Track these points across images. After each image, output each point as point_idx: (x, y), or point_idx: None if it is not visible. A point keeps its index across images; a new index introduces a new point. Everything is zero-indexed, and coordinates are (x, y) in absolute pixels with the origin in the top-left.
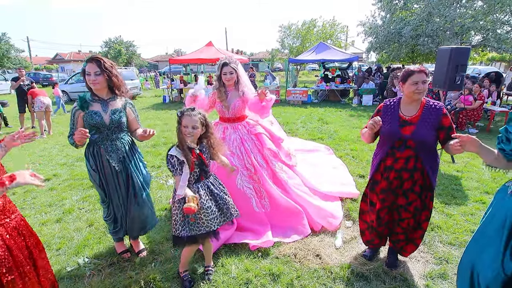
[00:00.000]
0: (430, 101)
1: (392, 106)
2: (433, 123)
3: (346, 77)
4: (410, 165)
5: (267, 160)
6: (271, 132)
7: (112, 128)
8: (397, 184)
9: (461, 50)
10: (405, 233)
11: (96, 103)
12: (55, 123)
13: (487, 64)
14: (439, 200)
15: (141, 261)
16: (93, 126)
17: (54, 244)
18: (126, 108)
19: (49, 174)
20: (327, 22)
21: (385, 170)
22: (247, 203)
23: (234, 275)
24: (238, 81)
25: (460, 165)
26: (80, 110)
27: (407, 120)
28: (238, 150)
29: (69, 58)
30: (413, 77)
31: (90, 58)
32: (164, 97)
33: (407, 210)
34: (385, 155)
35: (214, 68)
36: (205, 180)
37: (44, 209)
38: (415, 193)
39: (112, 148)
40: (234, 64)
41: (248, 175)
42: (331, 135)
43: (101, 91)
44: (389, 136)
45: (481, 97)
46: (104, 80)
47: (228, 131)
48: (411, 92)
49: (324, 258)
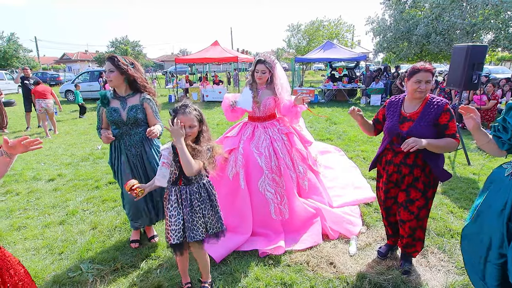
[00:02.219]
0: (435, 98)
1: (396, 102)
2: (431, 119)
3: (353, 77)
4: (409, 161)
5: (294, 163)
6: (301, 134)
7: (129, 124)
8: (397, 178)
9: (478, 47)
10: (411, 236)
11: (116, 100)
12: (61, 122)
13: (496, 64)
14: (457, 205)
15: (146, 267)
16: (112, 122)
17: (56, 248)
18: (143, 103)
19: (54, 174)
20: (333, 21)
21: (385, 163)
22: (266, 209)
23: (244, 284)
24: (272, 81)
25: (476, 168)
26: (102, 106)
27: (407, 117)
28: (267, 150)
29: (76, 58)
30: (417, 75)
31: (107, 56)
32: (170, 97)
33: (408, 209)
34: (386, 150)
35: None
36: (184, 187)
37: (48, 211)
38: (417, 189)
39: (131, 142)
40: (270, 63)
41: (272, 178)
42: (340, 136)
43: (119, 88)
44: (388, 132)
45: (495, 97)
46: (118, 77)
47: (258, 130)
48: (413, 90)
49: (339, 266)
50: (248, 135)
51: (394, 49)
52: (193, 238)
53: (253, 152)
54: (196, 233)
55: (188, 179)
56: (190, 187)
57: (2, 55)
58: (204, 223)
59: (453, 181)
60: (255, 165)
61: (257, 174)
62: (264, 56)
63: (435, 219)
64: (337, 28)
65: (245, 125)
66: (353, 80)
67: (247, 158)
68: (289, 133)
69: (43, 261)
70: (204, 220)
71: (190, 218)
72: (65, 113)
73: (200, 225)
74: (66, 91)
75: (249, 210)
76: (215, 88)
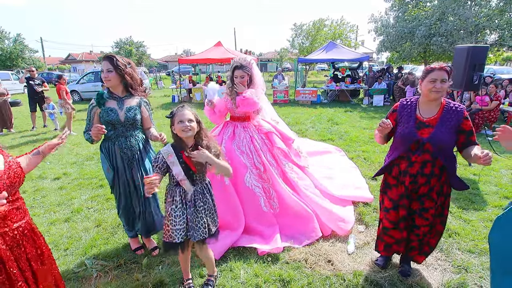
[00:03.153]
0: (451, 103)
1: (409, 106)
2: (453, 125)
3: (356, 77)
4: (427, 170)
5: (277, 160)
6: (282, 132)
7: (127, 125)
8: (413, 189)
9: (479, 48)
10: (420, 241)
11: (112, 100)
12: (64, 121)
13: (502, 64)
14: (456, 205)
15: (148, 264)
16: (108, 123)
17: (62, 244)
18: (141, 106)
19: (59, 173)
20: (335, 21)
21: (400, 174)
22: (255, 202)
23: (243, 280)
24: (251, 82)
25: (476, 169)
26: (97, 106)
27: (424, 122)
28: (248, 148)
29: (81, 58)
30: (432, 74)
31: (105, 55)
32: (173, 97)
33: (423, 216)
34: (399, 158)
35: (223, 68)
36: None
37: (53, 208)
38: (432, 199)
39: (126, 145)
40: (247, 68)
41: (258, 174)
42: (341, 136)
43: (116, 88)
44: (404, 139)
45: (498, 98)
46: (116, 77)
47: (238, 129)
48: (428, 90)
49: (336, 264)
50: (229, 135)
51: (397, 48)
52: (196, 237)
53: (235, 150)
54: (198, 232)
55: (193, 180)
56: (194, 188)
57: (8, 55)
58: (206, 222)
59: None
60: (239, 163)
61: (242, 170)
62: (240, 61)
63: None
64: (340, 28)
65: (226, 124)
66: (356, 81)
67: (230, 156)
68: (268, 133)
69: None
70: (206, 219)
71: (194, 218)
72: None
73: (202, 225)
74: (71, 91)
75: (238, 204)
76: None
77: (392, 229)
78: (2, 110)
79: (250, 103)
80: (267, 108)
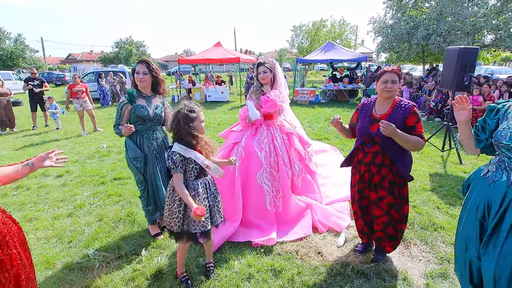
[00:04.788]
0: (403, 101)
1: (367, 104)
2: (399, 121)
3: (354, 77)
4: (378, 160)
5: (291, 161)
6: (301, 136)
7: (155, 120)
8: (368, 177)
9: (470, 50)
10: (383, 231)
11: (142, 98)
12: (67, 121)
13: (500, 64)
14: (444, 201)
15: (148, 255)
16: (139, 118)
17: (65, 237)
18: (164, 104)
19: (62, 171)
20: (336, 22)
21: (357, 163)
22: (261, 199)
23: (236, 270)
24: (275, 80)
25: (467, 167)
26: (129, 103)
27: (377, 118)
28: (267, 147)
29: (81, 58)
30: (384, 76)
31: (140, 60)
32: (173, 97)
33: (379, 206)
34: (357, 150)
35: (223, 68)
36: (204, 178)
37: (57, 204)
38: (384, 188)
39: (153, 137)
40: (270, 64)
41: (270, 173)
42: (337, 135)
43: (146, 88)
44: (360, 133)
45: (491, 98)
46: (150, 79)
47: (261, 128)
48: (381, 90)
49: (326, 255)
50: (251, 131)
51: (396, 49)
52: (217, 221)
53: (254, 146)
54: (218, 215)
55: (205, 171)
56: (208, 178)
57: (9, 55)
58: (220, 206)
59: (443, 178)
60: (255, 159)
61: (256, 167)
62: (263, 59)
63: (420, 213)
64: (341, 29)
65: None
66: (354, 81)
67: (248, 151)
68: (289, 133)
69: (53, 249)
70: (220, 203)
71: (214, 204)
72: (71, 112)
73: (218, 209)
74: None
75: (240, 197)
76: (218, 88)
77: (356, 220)
78: (5, 110)
79: (273, 104)
80: (288, 109)
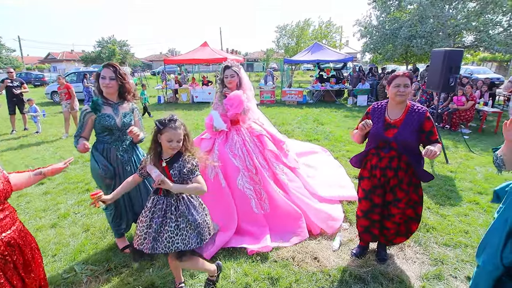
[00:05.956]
0: (415, 105)
1: (379, 108)
2: (415, 126)
3: (341, 78)
4: (394, 164)
5: (268, 162)
6: (273, 135)
7: (123, 130)
8: (384, 181)
9: (455, 52)
10: (396, 228)
11: (108, 106)
12: (48, 124)
13: (478, 64)
14: (434, 201)
15: (139, 267)
16: (106, 128)
17: (49, 250)
18: (133, 111)
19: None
20: (323, 22)
21: (372, 168)
22: (247, 204)
23: (233, 280)
24: (241, 84)
25: (453, 166)
26: (93, 113)
27: (391, 123)
28: (240, 151)
29: (62, 58)
30: (396, 80)
31: (106, 63)
32: (159, 98)
33: (397, 206)
34: (371, 155)
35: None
36: (162, 197)
37: (39, 214)
38: (403, 190)
39: (123, 148)
40: (236, 68)
41: (249, 176)
42: (327, 136)
43: (112, 95)
44: (373, 137)
45: (473, 98)
46: (116, 85)
47: (230, 133)
48: (394, 94)
49: (322, 260)
50: (222, 138)
51: (380, 50)
52: (154, 250)
53: (227, 153)
54: (158, 245)
55: (168, 190)
56: (168, 199)
57: None
58: (174, 238)
59: None
60: (231, 166)
61: (234, 173)
62: (229, 62)
63: None
64: (327, 29)
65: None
66: (340, 81)
67: (222, 159)
68: (260, 135)
69: None
70: (177, 233)
71: (158, 229)
72: (51, 115)
73: (165, 239)
74: (52, 92)
75: (233, 207)
76: (205, 89)
77: (362, 217)
78: None
79: (237, 101)
80: (254, 109)
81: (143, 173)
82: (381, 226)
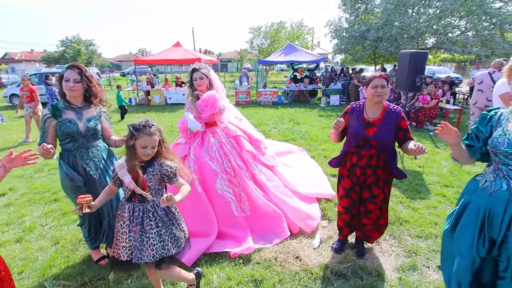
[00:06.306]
0: (391, 105)
1: (357, 108)
2: (392, 125)
3: (314, 78)
4: (373, 162)
5: (246, 163)
6: (249, 134)
7: (88, 136)
8: (363, 179)
9: (420, 54)
10: (373, 223)
11: (70, 110)
12: (7, 130)
13: (439, 65)
14: (405, 195)
15: (116, 279)
16: (68, 135)
17: (15, 267)
18: (101, 116)
19: (4, 188)
20: (295, 23)
21: (351, 166)
22: (227, 207)
23: (216, 285)
24: (211, 86)
25: (421, 161)
26: (53, 118)
27: (370, 122)
28: (217, 154)
29: (21, 58)
30: (373, 81)
31: (71, 65)
32: (130, 100)
33: (373, 202)
34: (351, 154)
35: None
36: (138, 204)
37: (1, 228)
38: (378, 187)
39: (89, 156)
40: (205, 70)
41: (228, 179)
42: (302, 136)
43: (77, 98)
44: (354, 136)
45: (437, 97)
46: (82, 88)
47: (206, 135)
48: (372, 95)
49: (304, 259)
50: (198, 141)
51: (350, 51)
52: (140, 259)
53: (204, 157)
54: (143, 254)
55: (143, 196)
56: (144, 205)
57: None
58: (157, 243)
59: None
60: (209, 169)
61: (212, 177)
62: (197, 65)
63: None
64: (299, 30)
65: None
66: (313, 81)
67: (199, 163)
68: (236, 136)
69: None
70: (158, 239)
71: (139, 238)
72: (11, 120)
73: (149, 246)
74: (11, 95)
75: (211, 212)
76: (178, 90)
77: (344, 214)
78: None
79: (212, 101)
80: (231, 107)
81: (117, 182)
82: (358, 222)
